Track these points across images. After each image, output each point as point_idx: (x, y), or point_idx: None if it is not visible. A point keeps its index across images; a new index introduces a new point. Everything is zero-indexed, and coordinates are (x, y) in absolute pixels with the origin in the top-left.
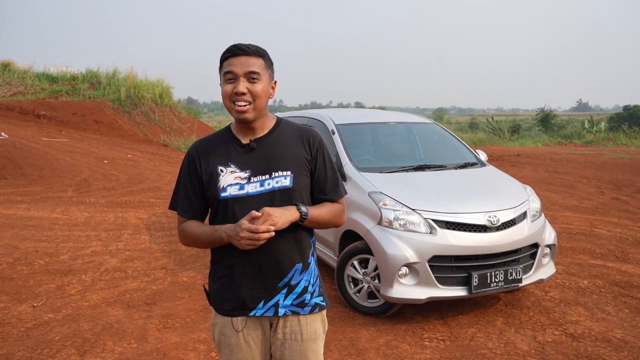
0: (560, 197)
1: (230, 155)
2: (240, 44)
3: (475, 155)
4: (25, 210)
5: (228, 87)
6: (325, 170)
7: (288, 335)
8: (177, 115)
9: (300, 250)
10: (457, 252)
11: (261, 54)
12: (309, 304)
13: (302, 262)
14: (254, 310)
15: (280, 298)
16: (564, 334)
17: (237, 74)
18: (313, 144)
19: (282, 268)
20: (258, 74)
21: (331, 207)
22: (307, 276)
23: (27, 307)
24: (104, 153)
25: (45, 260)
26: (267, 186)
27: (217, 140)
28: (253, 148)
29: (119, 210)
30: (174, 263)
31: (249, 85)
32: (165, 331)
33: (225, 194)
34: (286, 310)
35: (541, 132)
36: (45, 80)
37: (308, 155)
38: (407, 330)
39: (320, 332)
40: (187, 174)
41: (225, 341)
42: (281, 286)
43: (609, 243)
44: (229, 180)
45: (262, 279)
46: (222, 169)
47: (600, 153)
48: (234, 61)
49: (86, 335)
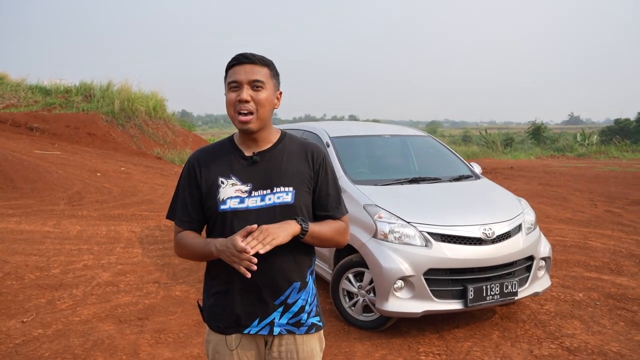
0: (553, 209)
1: (232, 167)
2: (246, 53)
3: (470, 168)
4: (16, 224)
5: (232, 95)
6: (327, 187)
7: (284, 354)
8: (171, 128)
9: (299, 268)
10: (453, 265)
11: (266, 63)
12: (305, 324)
13: (300, 281)
14: (248, 328)
15: (276, 317)
16: (560, 347)
17: (241, 82)
18: (316, 160)
19: (279, 286)
20: (262, 82)
21: (334, 224)
22: (305, 295)
23: (17, 323)
24: (97, 166)
25: (35, 274)
26: (267, 201)
27: (220, 150)
28: (256, 161)
29: (112, 224)
30: (167, 277)
31: (252, 94)
32: (157, 346)
33: (225, 207)
34: (281, 329)
35: (533, 145)
36: (38, 93)
37: (311, 172)
38: (402, 345)
39: (317, 350)
40: (187, 183)
41: (219, 359)
42: (277, 304)
43: (603, 255)
44: (229, 193)
45: (258, 296)
46: (223, 180)
47: (593, 166)
48: (238, 69)
49: (77, 351)
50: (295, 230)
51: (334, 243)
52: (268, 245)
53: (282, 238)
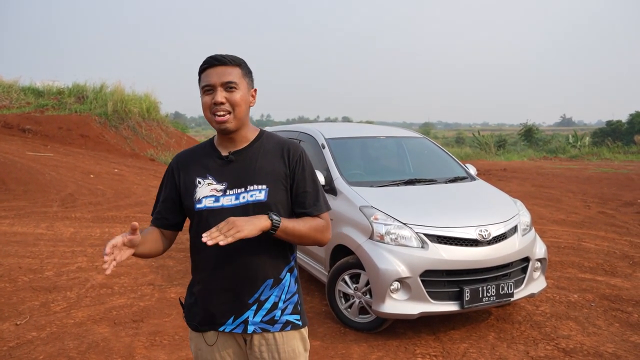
0: (547, 211)
1: (208, 167)
2: (216, 55)
3: (465, 169)
4: (9, 226)
5: (207, 99)
6: (305, 184)
7: (265, 354)
8: (165, 129)
9: (274, 265)
10: (449, 266)
11: (237, 62)
12: (279, 321)
13: (273, 278)
14: (223, 326)
15: (250, 315)
16: (556, 348)
17: (215, 85)
18: (292, 157)
19: (253, 283)
20: (235, 83)
21: (311, 221)
22: (278, 292)
23: (10, 325)
24: (90, 167)
25: (29, 276)
26: (241, 199)
27: (199, 152)
28: (231, 160)
29: (106, 226)
30: (162, 279)
31: (227, 95)
32: (153, 349)
33: (200, 206)
34: (255, 327)
35: (526, 146)
36: (31, 94)
37: (286, 169)
38: (399, 346)
39: (301, 350)
40: (166, 184)
41: (201, 356)
42: (251, 302)
43: (597, 257)
44: (205, 192)
45: (232, 294)
46: (200, 180)
47: (585, 167)
48: (210, 72)
49: (71, 354)
50: (265, 225)
51: (312, 241)
52: (230, 237)
53: (247, 231)
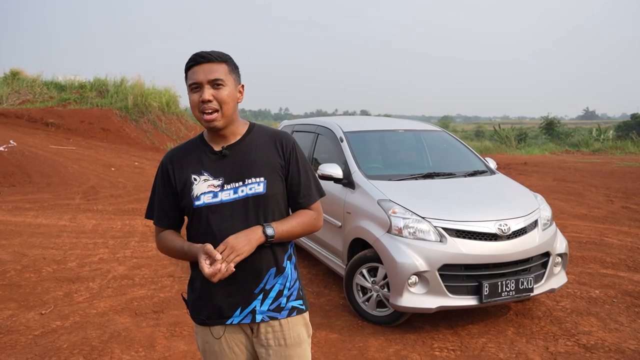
0: (569, 205)
1: (203, 163)
2: (202, 52)
3: (485, 163)
4: (34, 218)
5: (194, 97)
6: (298, 174)
7: (272, 341)
8: (184, 123)
9: (275, 254)
10: (468, 260)
11: (224, 59)
12: (285, 308)
13: (276, 266)
14: (230, 319)
15: (257, 304)
16: (576, 344)
17: (202, 82)
18: (286, 148)
19: (257, 274)
20: (222, 80)
21: (303, 216)
22: (282, 280)
23: (35, 315)
24: (111, 161)
25: (53, 267)
26: (240, 193)
27: (190, 148)
28: (225, 155)
29: (126, 218)
30: (181, 271)
31: (214, 92)
32: (173, 339)
33: (199, 203)
34: (263, 316)
35: (547, 140)
36: (53, 89)
37: (281, 160)
38: (416, 340)
39: (304, 336)
40: (161, 184)
41: (209, 348)
42: (257, 292)
43: (620, 252)
44: (202, 189)
45: (237, 286)
46: (196, 177)
47: (609, 161)
48: (197, 70)
49: (94, 343)
50: (260, 240)
51: (305, 234)
52: (232, 263)
53: (246, 252)
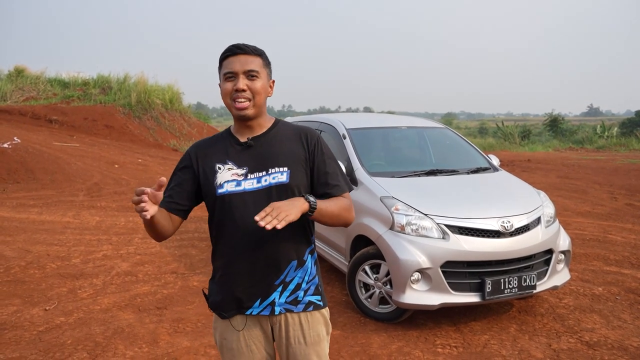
0: (572, 202)
1: (227, 153)
2: (239, 44)
3: (488, 160)
4: (38, 214)
5: (228, 85)
6: (325, 165)
7: (292, 340)
8: (187, 120)
9: (297, 247)
10: (470, 257)
11: (259, 52)
12: (302, 302)
13: (297, 259)
14: (250, 309)
15: (276, 296)
16: (579, 341)
17: (237, 72)
18: (310, 141)
19: (278, 266)
20: (257, 72)
21: (338, 200)
22: (302, 273)
23: (40, 311)
24: (114, 158)
25: (57, 263)
26: (263, 182)
27: (216, 140)
28: (250, 145)
29: (130, 215)
30: (185, 267)
31: (248, 83)
32: (176, 335)
33: (222, 190)
34: (281, 308)
35: (551, 137)
36: (57, 86)
37: (305, 153)
38: (419, 337)
39: (324, 334)
40: (181, 169)
41: (226, 345)
42: (277, 284)
43: (624, 249)
44: (226, 177)
45: (258, 277)
46: (220, 166)
47: (613, 158)
48: (233, 60)
49: (98, 339)
50: (304, 207)
51: (341, 220)
52: (283, 221)
53: (294, 215)
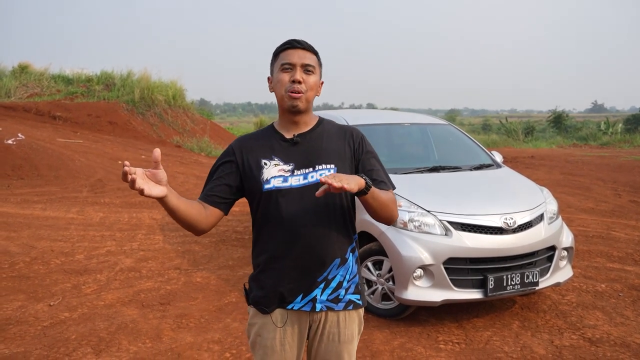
0: (575, 199)
1: (273, 149)
2: (298, 39)
3: (491, 156)
4: (42, 210)
5: (285, 76)
6: (370, 162)
7: (325, 337)
8: (190, 116)
9: (341, 245)
10: (473, 254)
11: (315, 51)
12: (342, 300)
13: (340, 257)
14: (292, 304)
15: (317, 293)
16: (581, 338)
17: (295, 64)
18: (355, 139)
19: (322, 262)
20: (313, 67)
21: (387, 193)
22: (344, 272)
23: (44, 306)
24: (118, 154)
25: (61, 259)
26: (310, 179)
27: (261, 136)
28: (297, 142)
29: (133, 211)
30: (188, 263)
31: (304, 76)
32: (179, 331)
33: (269, 186)
34: (322, 305)
35: (555, 133)
36: (61, 82)
37: (351, 151)
38: (421, 333)
39: (356, 333)
40: (223, 163)
41: (260, 342)
42: (320, 281)
43: (627, 246)
44: (272, 173)
45: (302, 273)
46: (266, 162)
47: (617, 155)
48: (292, 52)
49: (102, 335)
50: (361, 183)
51: (388, 211)
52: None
53: (352, 185)
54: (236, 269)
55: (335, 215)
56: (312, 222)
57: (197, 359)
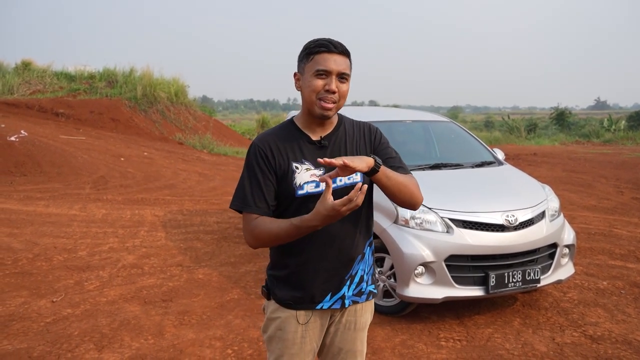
0: (578, 196)
1: (303, 152)
2: (333, 40)
3: (493, 154)
4: (45, 207)
5: (319, 82)
6: (387, 151)
7: (342, 325)
8: (192, 113)
9: (363, 241)
10: (474, 251)
11: (348, 54)
12: (364, 292)
13: (361, 253)
14: (321, 304)
15: (345, 290)
16: (583, 335)
17: (331, 72)
18: (372, 135)
19: (352, 260)
20: (348, 75)
21: (406, 175)
22: (363, 265)
23: (47, 302)
24: (120, 151)
25: (64, 256)
26: (339, 182)
27: (286, 135)
28: (325, 145)
29: (136, 208)
30: (190, 260)
31: (338, 85)
32: (181, 327)
33: (302, 192)
34: (349, 301)
35: (557, 130)
36: (63, 79)
37: (370, 147)
38: (423, 330)
39: (369, 320)
40: (260, 168)
41: (281, 335)
42: (347, 278)
43: (629, 244)
44: (305, 178)
45: (332, 273)
46: (297, 165)
47: (619, 152)
48: (328, 58)
49: (104, 331)
50: (370, 161)
51: (409, 192)
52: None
53: (361, 165)
54: (238, 266)
55: (361, 214)
56: (343, 224)
57: (199, 355)
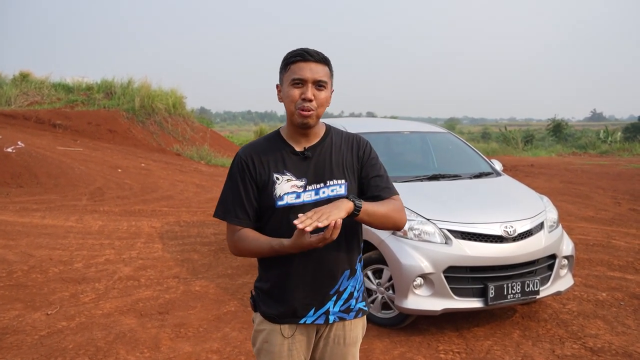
0: (575, 207)
1: (285, 163)
2: (309, 49)
3: (491, 164)
4: (41, 218)
5: (295, 92)
6: (375, 169)
7: (331, 340)
8: (190, 124)
9: (350, 256)
10: (473, 262)
11: (327, 62)
12: (353, 309)
13: (350, 269)
14: (304, 318)
15: (330, 305)
16: (583, 347)
17: (307, 80)
18: (361, 148)
19: (334, 276)
20: (325, 82)
21: (388, 202)
22: (354, 282)
23: (41, 315)
24: (118, 162)
25: (59, 268)
26: (322, 194)
27: (269, 145)
28: (308, 156)
29: (133, 219)
30: (187, 272)
31: (315, 92)
32: (178, 341)
33: (282, 203)
34: (335, 317)
35: (554, 142)
36: (61, 90)
37: (357, 162)
38: (422, 342)
39: (360, 336)
40: (242, 179)
41: (267, 349)
42: (332, 294)
43: (627, 255)
44: (285, 189)
45: (314, 287)
46: (278, 176)
47: (616, 163)
48: (303, 66)
49: (99, 344)
50: (349, 207)
51: (391, 222)
52: (325, 220)
53: (334, 216)
54: (235, 278)
55: (345, 229)
56: None
57: None
